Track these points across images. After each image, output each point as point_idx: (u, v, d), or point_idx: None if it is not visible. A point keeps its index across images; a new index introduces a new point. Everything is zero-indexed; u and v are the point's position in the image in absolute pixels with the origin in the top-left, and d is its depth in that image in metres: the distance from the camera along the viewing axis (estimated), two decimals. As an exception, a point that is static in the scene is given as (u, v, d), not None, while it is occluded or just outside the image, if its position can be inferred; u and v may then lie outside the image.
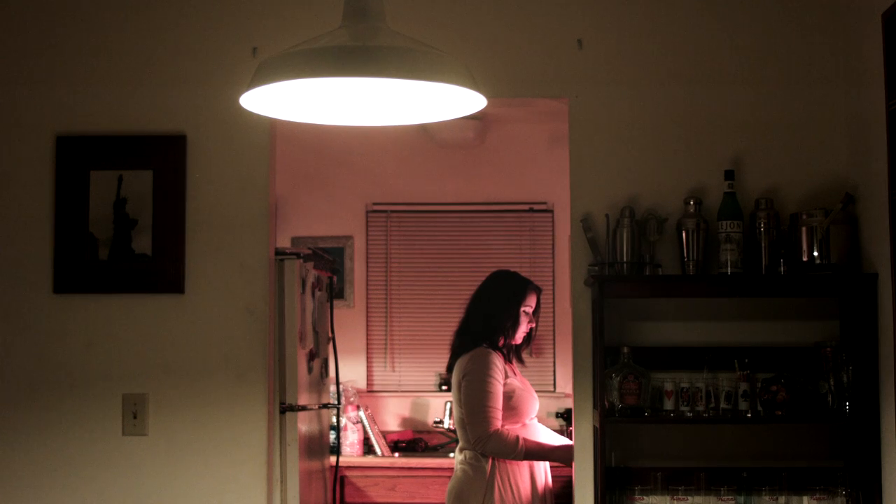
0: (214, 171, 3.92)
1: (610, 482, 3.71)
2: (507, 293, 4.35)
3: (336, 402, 5.08)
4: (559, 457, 4.25)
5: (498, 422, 4.14)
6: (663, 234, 3.83)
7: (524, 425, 4.25)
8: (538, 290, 4.40)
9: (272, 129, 3.98)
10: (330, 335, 4.93)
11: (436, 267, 6.50)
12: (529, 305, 4.33)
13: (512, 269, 4.61)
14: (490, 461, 4.14)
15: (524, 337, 4.36)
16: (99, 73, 3.96)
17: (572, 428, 3.99)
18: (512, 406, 4.20)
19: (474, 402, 4.14)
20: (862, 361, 3.63)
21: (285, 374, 4.24)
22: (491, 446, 4.13)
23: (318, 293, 4.72)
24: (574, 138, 3.94)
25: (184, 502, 3.83)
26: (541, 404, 6.27)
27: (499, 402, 4.15)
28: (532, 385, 4.47)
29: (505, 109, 5.79)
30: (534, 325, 4.38)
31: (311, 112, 2.44)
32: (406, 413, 6.42)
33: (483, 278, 6.50)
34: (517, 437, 4.14)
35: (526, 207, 6.49)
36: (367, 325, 6.50)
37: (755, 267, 3.76)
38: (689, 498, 3.73)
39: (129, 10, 3.98)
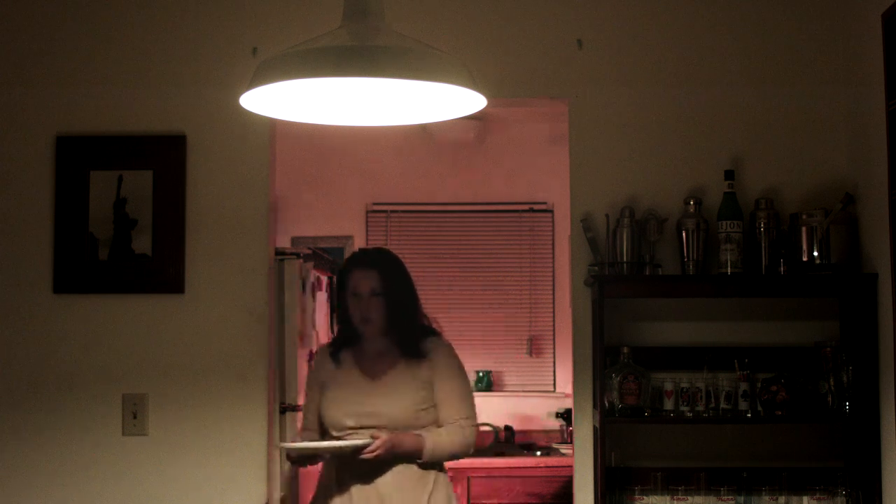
0: (214, 171, 3.92)
1: (610, 482, 3.71)
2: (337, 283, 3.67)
3: (336, 402, 5.07)
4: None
5: (304, 423, 3.61)
6: (663, 234, 3.83)
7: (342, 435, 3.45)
8: (358, 265, 3.55)
9: (272, 129, 3.98)
10: (330, 335, 4.93)
11: (435, 267, 6.50)
12: (352, 287, 3.52)
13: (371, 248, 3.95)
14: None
15: (363, 322, 3.50)
16: (99, 73, 3.96)
17: (572, 428, 3.99)
18: (321, 409, 3.53)
19: None
20: (862, 361, 3.63)
21: (285, 374, 4.24)
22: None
23: (318, 293, 4.73)
24: (574, 138, 3.94)
25: (184, 502, 3.83)
26: (541, 404, 6.34)
27: (308, 405, 3.60)
28: (532, 385, 4.44)
29: (505, 109, 5.79)
30: (362, 301, 3.49)
31: (311, 112, 2.44)
32: (406, 413, 6.41)
33: (483, 278, 6.54)
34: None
35: (526, 207, 6.49)
36: (367, 325, 6.49)
37: (755, 267, 3.76)
38: (689, 498, 3.73)
39: (128, 10, 3.98)
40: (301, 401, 4.30)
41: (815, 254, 3.70)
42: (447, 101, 2.36)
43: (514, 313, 6.45)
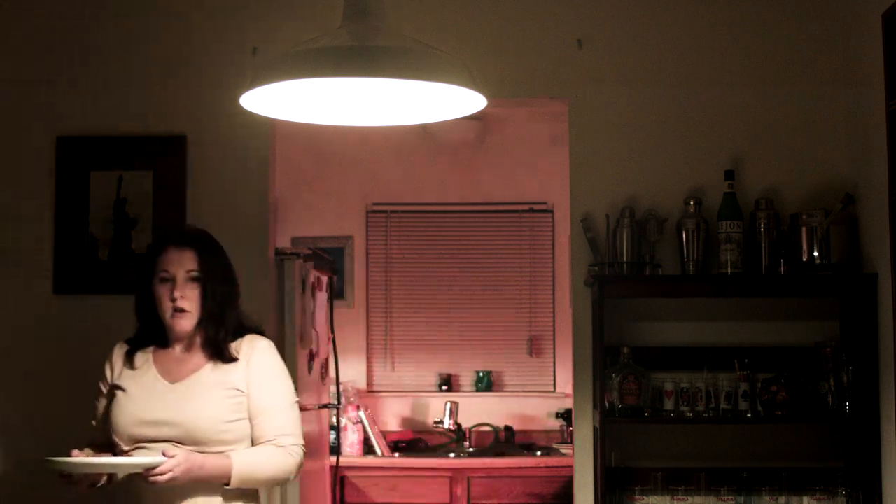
0: (214, 171, 3.92)
1: (610, 482, 3.71)
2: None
3: (336, 402, 5.08)
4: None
5: (91, 435, 2.96)
6: (663, 234, 3.83)
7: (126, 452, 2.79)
8: (172, 243, 2.89)
9: (272, 129, 3.98)
10: (330, 335, 4.93)
11: (436, 267, 6.50)
12: (163, 269, 2.87)
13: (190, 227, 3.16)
14: None
15: (175, 314, 2.86)
16: (99, 73, 3.96)
17: (572, 428, 3.99)
18: (110, 418, 2.87)
19: None
20: (862, 361, 3.64)
21: (285, 375, 4.22)
22: None
23: (318, 293, 4.73)
24: (574, 138, 3.94)
25: (184, 502, 3.82)
26: (541, 404, 6.34)
27: (96, 414, 2.97)
28: (532, 385, 4.44)
29: (505, 109, 5.79)
30: (179, 287, 2.84)
31: (311, 112, 2.44)
32: (406, 413, 6.42)
33: (483, 278, 6.54)
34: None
35: (526, 207, 6.49)
36: (367, 325, 6.50)
37: (755, 267, 3.76)
38: (689, 498, 3.73)
39: (128, 10, 3.98)
40: (301, 400, 4.31)
41: (815, 254, 3.70)
42: (447, 101, 2.36)
43: (514, 313, 6.45)
